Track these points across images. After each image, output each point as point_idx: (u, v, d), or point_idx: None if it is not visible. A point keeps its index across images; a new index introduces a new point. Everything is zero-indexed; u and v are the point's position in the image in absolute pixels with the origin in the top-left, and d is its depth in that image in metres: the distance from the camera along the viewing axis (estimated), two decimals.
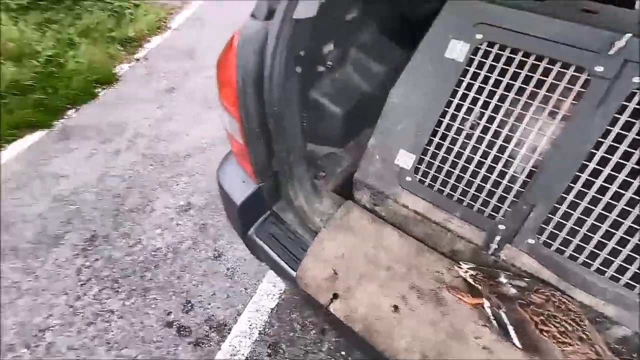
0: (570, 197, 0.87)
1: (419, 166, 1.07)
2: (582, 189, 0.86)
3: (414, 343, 0.94)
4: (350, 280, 1.06)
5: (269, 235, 1.25)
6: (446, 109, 1.01)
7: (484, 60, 0.95)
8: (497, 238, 0.96)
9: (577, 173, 0.86)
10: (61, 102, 3.06)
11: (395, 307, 0.99)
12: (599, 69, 0.82)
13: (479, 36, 0.95)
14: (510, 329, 0.87)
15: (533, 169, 0.92)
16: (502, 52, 0.93)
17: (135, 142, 2.80)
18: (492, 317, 0.91)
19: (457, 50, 0.97)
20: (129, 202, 2.35)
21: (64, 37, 3.66)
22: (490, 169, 0.97)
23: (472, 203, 1.00)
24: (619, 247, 0.83)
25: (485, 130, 0.97)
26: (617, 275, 0.84)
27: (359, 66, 1.38)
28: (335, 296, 1.05)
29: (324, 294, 1.07)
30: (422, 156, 1.06)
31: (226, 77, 1.02)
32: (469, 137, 1.00)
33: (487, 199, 0.98)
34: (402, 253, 1.09)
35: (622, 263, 0.83)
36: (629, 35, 0.78)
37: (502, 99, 0.94)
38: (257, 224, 1.27)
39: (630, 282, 0.83)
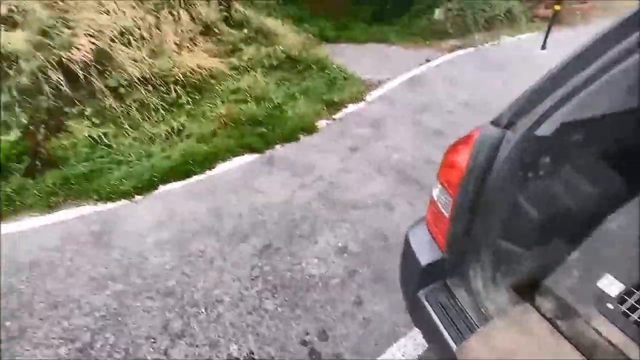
0: None
1: (627, 297, 1.05)
2: None
3: None
4: None
5: (437, 302, 1.37)
6: None
7: None
8: None
9: None
10: (275, 138, 3.97)
11: None
12: None
13: None
14: None
15: None
16: None
17: (318, 182, 3.37)
18: None
19: None
20: (300, 228, 2.82)
21: (290, 92, 4.80)
22: None
23: None
24: None
25: None
26: None
27: (568, 182, 1.44)
28: None
29: None
30: (633, 289, 1.04)
31: (456, 162, 1.26)
32: None
33: None
34: None
35: None
36: None
37: None
38: (429, 288, 1.41)
39: None
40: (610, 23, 1.08)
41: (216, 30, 5.42)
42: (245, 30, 5.70)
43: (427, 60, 6.98)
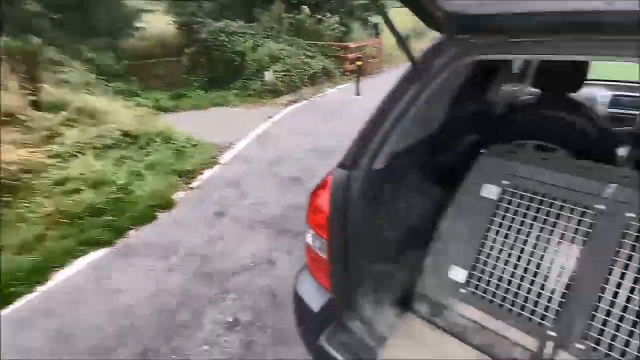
0: (601, 306, 1.07)
1: (470, 279, 1.30)
2: (612, 300, 1.07)
3: None
4: None
5: (339, 343, 1.40)
6: (487, 233, 1.31)
7: (511, 199, 1.30)
8: (550, 345, 1.12)
9: (603, 285, 1.08)
10: (126, 224, 3.49)
11: None
12: (602, 207, 1.14)
13: (505, 182, 1.32)
14: None
15: (569, 281, 1.15)
16: (525, 194, 1.28)
17: (188, 259, 3.08)
18: None
19: (490, 191, 1.34)
20: (179, 317, 2.49)
21: (134, 170, 4.37)
22: (533, 282, 1.20)
23: (521, 312, 1.19)
24: None
25: (521, 250, 1.25)
26: None
27: (407, 200, 1.75)
28: None
29: None
30: (472, 271, 1.31)
31: (319, 206, 1.38)
32: (509, 255, 1.27)
33: (533, 307, 1.18)
34: None
35: None
36: (614, 185, 1.13)
37: (530, 226, 1.24)
38: (327, 333, 1.43)
39: None
40: (400, 76, 1.42)
41: (22, 117, 4.57)
42: (64, 112, 5.01)
43: (269, 117, 7.54)
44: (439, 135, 1.87)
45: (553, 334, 1.13)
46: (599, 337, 1.07)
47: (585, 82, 2.24)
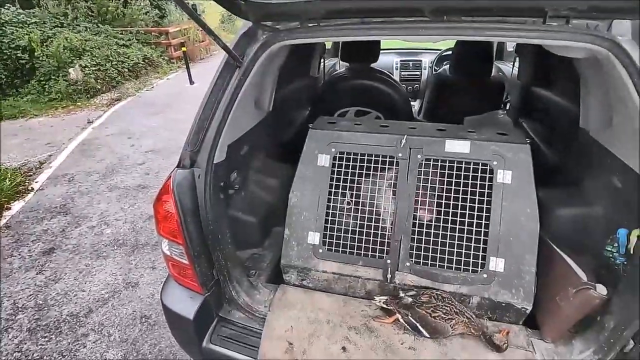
0: (416, 229, 1.41)
1: (325, 239, 1.49)
2: (420, 222, 1.41)
3: None
4: (304, 344, 1.31)
5: (223, 339, 1.41)
6: (329, 197, 1.50)
7: (341, 163, 1.51)
8: (389, 270, 1.41)
9: (414, 214, 1.41)
10: None
11: (343, 348, 1.28)
12: (400, 154, 1.45)
13: (333, 150, 1.52)
14: (418, 326, 1.27)
15: (391, 218, 1.44)
16: (349, 157, 1.51)
17: (17, 318, 2.46)
18: (405, 324, 1.30)
19: (324, 160, 1.52)
20: None
21: None
22: (369, 226, 1.46)
23: (366, 252, 1.45)
24: (452, 251, 1.37)
25: (357, 204, 1.49)
26: (459, 267, 1.37)
27: (258, 183, 1.82)
28: None
29: None
30: (324, 232, 1.49)
31: (166, 213, 1.30)
32: (349, 210, 1.50)
33: (373, 246, 1.45)
34: (333, 308, 1.42)
35: (459, 259, 1.36)
36: (405, 136, 1.45)
37: (359, 182, 1.49)
38: (209, 333, 1.42)
39: (469, 269, 1.35)
40: (219, 66, 1.42)
41: None
42: None
43: (90, 122, 6.38)
44: (272, 115, 1.98)
45: (389, 261, 1.42)
46: (418, 252, 1.40)
47: (380, 52, 2.71)
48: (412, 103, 3.54)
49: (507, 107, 2.86)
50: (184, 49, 8.70)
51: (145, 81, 9.03)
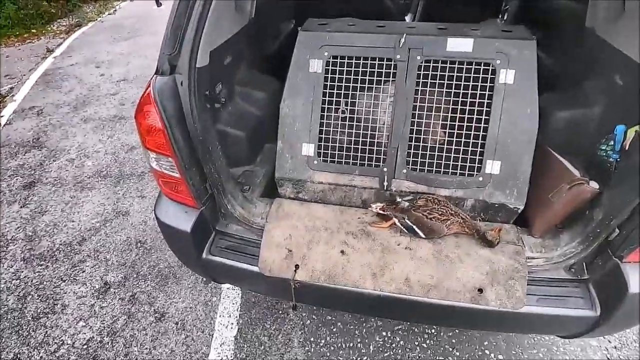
0: (414, 135, 1.37)
1: (319, 150, 1.45)
2: (417, 128, 1.37)
3: (363, 269, 1.27)
4: (303, 249, 1.33)
5: (222, 250, 1.42)
6: (323, 106, 1.43)
7: (335, 68, 1.41)
8: (386, 177, 1.40)
9: (412, 119, 1.36)
10: None
11: (342, 252, 1.32)
12: (399, 56, 1.35)
13: (326, 54, 1.40)
14: (414, 227, 1.30)
15: (389, 125, 1.40)
16: (343, 61, 1.40)
17: (9, 249, 2.44)
18: (402, 227, 1.33)
19: (316, 65, 1.41)
20: (30, 310, 2.06)
21: None
22: (365, 135, 1.42)
23: (362, 162, 1.42)
24: (449, 156, 1.35)
25: (352, 111, 1.42)
26: (455, 171, 1.37)
27: (245, 96, 1.71)
28: (297, 267, 1.32)
29: (286, 270, 1.31)
30: (319, 143, 1.44)
31: (151, 125, 1.21)
32: (344, 119, 1.43)
33: (369, 155, 1.42)
34: (330, 216, 1.43)
35: (455, 163, 1.36)
36: (404, 35, 1.34)
37: (354, 88, 1.41)
38: (208, 246, 1.43)
39: (465, 172, 1.36)
40: None
41: None
42: None
43: (50, 50, 5.81)
44: (255, 23, 1.80)
45: (386, 169, 1.40)
46: (414, 159, 1.38)
47: None
48: (406, 16, 3.29)
49: (505, 16, 2.69)
50: None
51: (106, 4, 8.10)
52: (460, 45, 1.32)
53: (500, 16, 2.69)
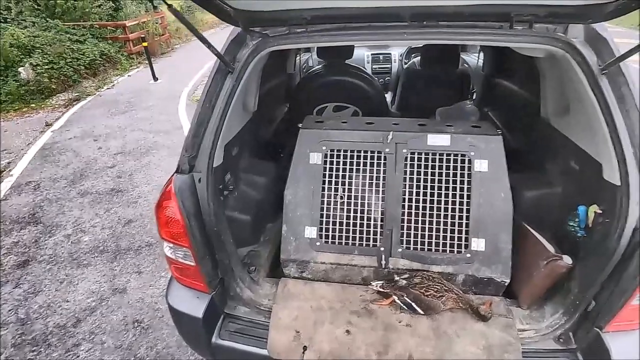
0: (405, 217, 1.53)
1: (321, 232, 1.58)
2: (408, 211, 1.53)
3: (368, 348, 1.35)
4: (309, 330, 1.41)
5: (232, 334, 1.48)
6: (323, 192, 1.59)
7: (332, 159, 1.61)
8: (383, 256, 1.53)
9: (402, 203, 1.54)
10: None
11: (347, 332, 1.39)
12: (387, 149, 1.57)
13: (324, 148, 1.61)
14: (413, 304, 1.40)
15: (382, 209, 1.56)
16: (339, 154, 1.60)
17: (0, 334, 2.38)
18: (402, 305, 1.43)
19: (315, 158, 1.60)
20: None
21: None
22: (362, 217, 1.57)
23: (360, 242, 1.56)
24: (439, 235, 1.51)
25: (349, 197, 1.59)
26: (445, 249, 1.51)
27: (247, 182, 1.88)
28: (305, 348, 1.38)
29: (295, 352, 1.37)
30: (320, 226, 1.58)
31: (169, 218, 1.34)
32: (342, 204, 1.59)
33: (367, 236, 1.56)
34: (333, 295, 1.52)
35: (445, 242, 1.51)
36: (391, 132, 1.56)
37: (350, 177, 1.59)
38: (217, 330, 1.48)
39: (454, 250, 1.50)
40: (212, 71, 1.45)
41: None
42: None
43: (48, 124, 6.03)
44: (257, 114, 2.04)
45: (382, 248, 1.54)
46: (408, 238, 1.53)
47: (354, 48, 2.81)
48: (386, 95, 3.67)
49: (474, 97, 3.06)
50: (145, 44, 8.34)
51: (104, 79, 8.59)
52: (439, 140, 1.55)
53: (469, 97, 3.07)
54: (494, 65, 2.73)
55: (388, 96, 4.02)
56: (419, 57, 3.08)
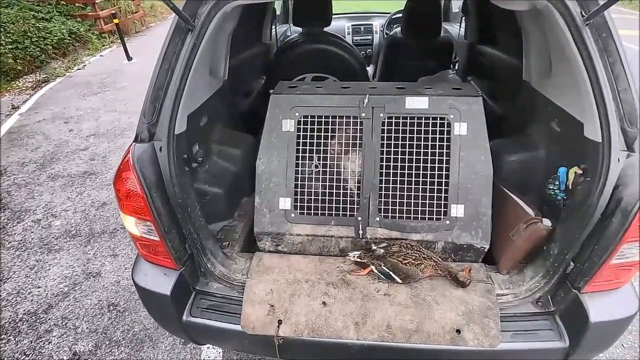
0: (383, 185, 1.47)
1: (296, 203, 1.51)
2: (386, 179, 1.47)
3: (345, 319, 1.30)
4: (285, 304, 1.35)
5: (203, 310, 1.41)
6: (297, 161, 1.51)
7: (306, 127, 1.51)
8: (360, 226, 1.47)
9: (380, 170, 1.47)
10: None
11: (324, 303, 1.34)
12: (364, 114, 1.48)
13: (297, 114, 1.51)
14: (391, 273, 1.36)
15: (359, 177, 1.49)
16: (313, 120, 1.51)
17: None
18: (379, 274, 1.38)
19: (288, 125, 1.51)
20: None
21: None
22: (338, 187, 1.50)
23: (337, 212, 1.49)
24: (417, 202, 1.45)
25: (325, 166, 1.51)
26: (424, 216, 1.46)
27: (221, 154, 1.77)
28: (280, 322, 1.32)
29: (270, 326, 1.32)
30: (295, 196, 1.51)
31: (129, 190, 1.23)
32: (317, 173, 1.52)
33: (343, 205, 1.49)
34: (311, 267, 1.46)
35: (424, 209, 1.45)
36: (367, 95, 1.48)
37: (325, 144, 1.51)
38: (188, 307, 1.41)
39: (433, 217, 1.45)
40: (169, 30, 1.32)
41: None
42: None
43: (15, 107, 5.71)
44: (228, 84, 1.91)
45: (360, 218, 1.48)
46: (386, 207, 1.47)
47: (333, 16, 2.68)
48: (368, 67, 3.55)
49: (456, 67, 2.98)
50: (116, 20, 7.91)
51: (75, 59, 8.14)
52: (417, 103, 1.47)
53: (451, 66, 2.99)
54: (477, 32, 2.65)
55: (370, 69, 3.91)
56: (400, 27, 2.97)
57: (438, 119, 1.46)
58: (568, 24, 1.17)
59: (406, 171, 1.46)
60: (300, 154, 1.51)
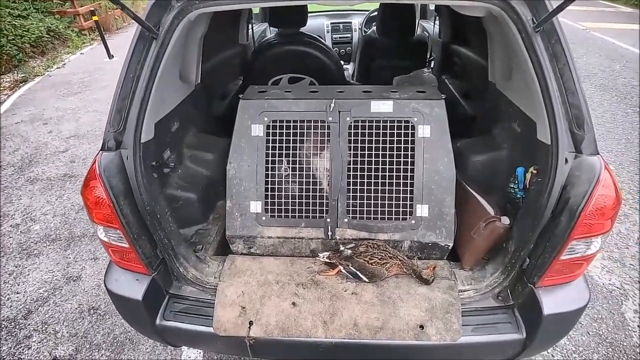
0: (351, 187, 1.51)
1: (267, 207, 1.54)
2: (354, 181, 1.51)
3: (314, 318, 1.35)
4: (256, 305, 1.39)
5: (177, 314, 1.44)
6: (267, 165, 1.54)
7: (275, 131, 1.54)
8: (329, 227, 1.51)
9: (348, 173, 1.51)
10: None
11: (293, 303, 1.38)
12: (330, 118, 1.52)
13: (266, 119, 1.54)
14: (358, 273, 1.40)
15: (327, 180, 1.53)
16: (282, 124, 1.54)
17: None
18: (347, 274, 1.43)
19: (257, 130, 1.54)
20: None
21: None
22: (307, 189, 1.53)
23: (307, 214, 1.53)
24: (384, 203, 1.50)
25: (294, 169, 1.54)
26: (390, 217, 1.51)
27: (194, 159, 1.79)
28: (251, 323, 1.36)
29: (241, 327, 1.35)
30: (265, 200, 1.54)
31: (97, 199, 1.25)
32: (287, 176, 1.55)
33: (313, 208, 1.53)
34: (281, 269, 1.50)
35: (390, 209, 1.50)
36: (333, 100, 1.51)
37: (294, 148, 1.54)
38: (162, 311, 1.44)
39: (399, 217, 1.50)
40: (132, 39, 1.33)
41: None
42: None
43: None
44: (202, 88, 1.92)
45: (329, 220, 1.52)
46: (354, 208, 1.51)
47: (309, 15, 2.69)
48: (346, 66, 3.58)
49: (432, 65, 3.03)
50: (95, 17, 7.75)
51: (54, 57, 7.99)
52: (382, 107, 1.51)
53: (427, 65, 3.04)
54: (450, 32, 2.70)
55: (350, 66, 3.93)
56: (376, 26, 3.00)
57: (402, 122, 1.50)
58: (520, 30, 1.22)
59: (373, 173, 1.50)
60: (270, 158, 1.54)
